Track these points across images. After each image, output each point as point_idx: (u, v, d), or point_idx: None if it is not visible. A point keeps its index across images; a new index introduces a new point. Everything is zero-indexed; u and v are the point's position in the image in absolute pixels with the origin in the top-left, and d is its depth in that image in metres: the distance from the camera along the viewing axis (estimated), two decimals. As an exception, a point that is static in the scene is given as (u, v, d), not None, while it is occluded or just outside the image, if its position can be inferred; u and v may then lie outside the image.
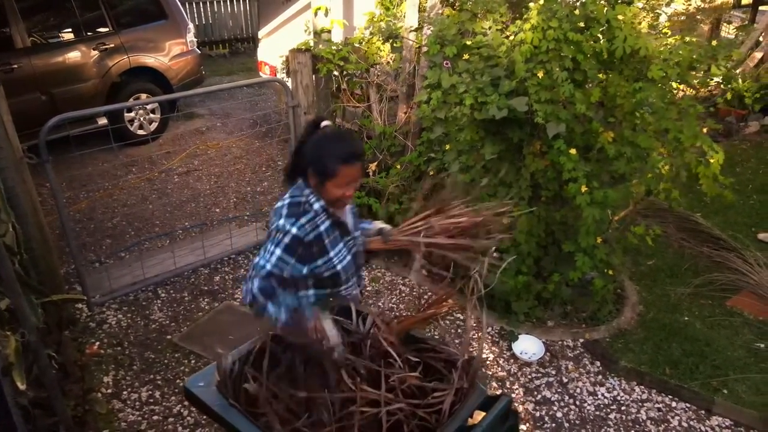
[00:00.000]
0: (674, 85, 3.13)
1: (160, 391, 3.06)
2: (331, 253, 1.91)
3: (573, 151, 2.84)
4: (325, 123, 1.88)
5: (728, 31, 8.42)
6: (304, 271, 1.88)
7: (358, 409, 1.46)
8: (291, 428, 1.49)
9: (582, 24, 2.76)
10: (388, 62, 4.28)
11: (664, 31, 3.28)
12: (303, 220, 1.83)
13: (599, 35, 2.80)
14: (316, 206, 1.86)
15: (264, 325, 1.76)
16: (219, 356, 1.64)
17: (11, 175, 2.96)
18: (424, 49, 3.40)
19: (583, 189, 2.86)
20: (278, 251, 1.80)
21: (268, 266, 1.78)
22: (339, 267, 1.93)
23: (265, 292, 1.74)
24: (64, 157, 4.47)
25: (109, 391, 3.05)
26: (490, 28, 2.97)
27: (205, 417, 2.88)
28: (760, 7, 8.54)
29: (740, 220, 4.71)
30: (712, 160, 2.87)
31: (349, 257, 1.97)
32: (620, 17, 2.70)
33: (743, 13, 8.70)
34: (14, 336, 1.88)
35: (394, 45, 4.23)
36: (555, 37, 2.69)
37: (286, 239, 1.80)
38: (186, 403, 2.97)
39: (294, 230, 1.81)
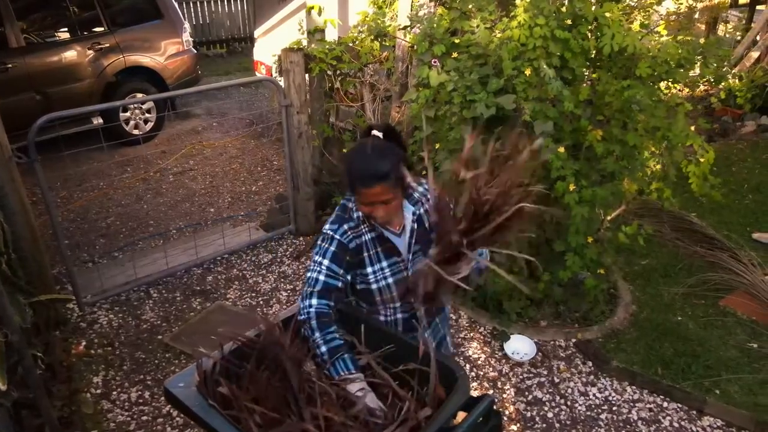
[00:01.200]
0: (666, 83, 3.13)
1: (149, 392, 3.05)
2: (368, 269, 1.79)
3: (561, 149, 2.83)
4: (374, 132, 1.73)
5: (725, 31, 8.41)
6: (348, 277, 1.78)
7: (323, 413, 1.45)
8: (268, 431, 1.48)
9: (569, 21, 2.75)
10: (381, 61, 4.27)
11: (659, 29, 3.26)
12: (345, 226, 1.75)
13: (587, 33, 2.78)
14: (356, 215, 1.76)
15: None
16: (200, 356, 1.62)
17: (0, 174, 2.95)
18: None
19: (571, 187, 2.85)
20: (326, 261, 1.72)
21: (322, 277, 1.71)
22: (374, 286, 1.80)
23: (321, 316, 1.66)
24: (59, 156, 4.46)
25: (99, 391, 3.04)
26: (478, 26, 2.95)
27: (194, 417, 2.88)
28: (758, 7, 8.53)
29: (735, 220, 4.70)
30: (702, 159, 2.86)
31: (390, 280, 1.80)
32: (608, 14, 2.69)
33: (740, 12, 8.69)
34: (-4, 336, 1.87)
35: (384, 44, 4.21)
36: (542, 35, 2.68)
37: (332, 247, 1.73)
38: (175, 403, 2.96)
39: (337, 236, 1.74)
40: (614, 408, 2.97)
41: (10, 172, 3.06)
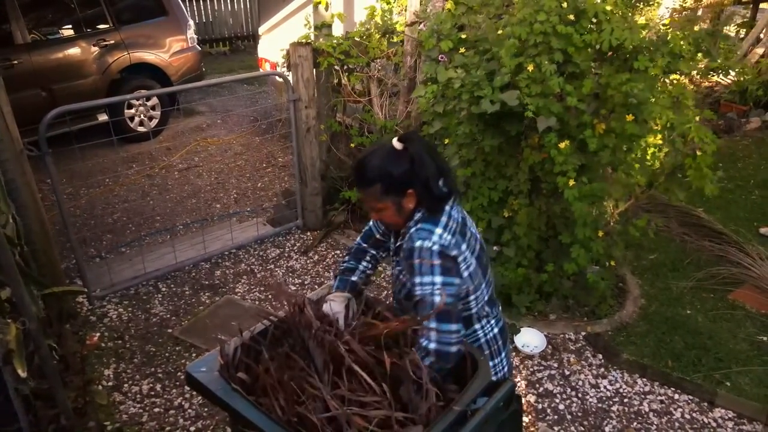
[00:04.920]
0: (673, 76, 3.13)
1: (161, 384, 3.05)
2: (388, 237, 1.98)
3: (563, 144, 2.83)
4: (394, 140, 1.71)
5: (728, 29, 8.42)
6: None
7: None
8: (291, 413, 1.48)
9: (572, 17, 2.75)
10: (389, 57, 4.27)
11: (665, 23, 3.26)
12: None
13: (589, 27, 2.78)
14: None
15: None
16: (222, 342, 1.63)
17: (11, 167, 2.95)
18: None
19: (571, 183, 2.85)
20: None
21: (371, 223, 2.01)
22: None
23: (353, 249, 2.03)
24: (64, 153, 4.47)
25: (110, 383, 3.04)
26: (484, 21, 2.95)
27: (206, 409, 2.89)
28: (761, 5, 8.54)
29: (742, 215, 4.71)
30: (699, 153, 2.87)
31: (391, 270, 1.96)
32: (608, 8, 2.69)
33: (743, 8, 8.69)
34: (15, 324, 1.87)
35: (391, 40, 4.21)
36: (543, 31, 2.68)
37: None
38: (187, 395, 2.97)
39: None
40: (625, 400, 2.97)
41: (22, 165, 3.06)
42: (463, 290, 1.73)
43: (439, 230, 1.66)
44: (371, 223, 1.98)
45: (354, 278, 1.93)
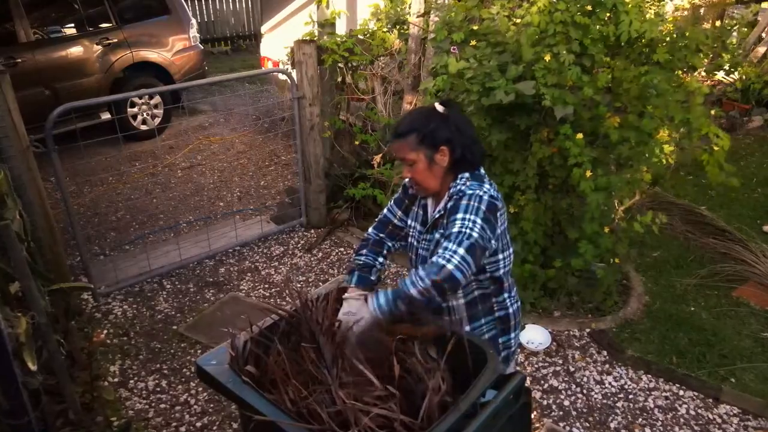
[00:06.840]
0: (680, 73, 3.14)
1: (166, 380, 3.06)
2: (409, 221, 1.98)
3: (579, 136, 2.83)
4: (436, 104, 1.82)
5: (730, 26, 8.42)
6: (406, 220, 2.01)
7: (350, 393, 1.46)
8: (301, 405, 1.49)
9: (589, 7, 2.76)
10: (393, 54, 4.28)
11: (670, 20, 3.27)
12: None
13: (606, 19, 2.79)
14: None
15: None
16: (232, 335, 1.64)
17: (18, 164, 2.96)
18: (431, 36, 3.39)
19: (588, 174, 2.86)
20: (391, 201, 2.03)
21: (384, 211, 2.04)
22: (408, 240, 1.97)
23: (368, 240, 2.03)
24: (68, 151, 4.46)
25: (116, 380, 3.05)
26: (497, 13, 2.96)
27: (212, 405, 2.89)
28: (763, 5, 8.53)
29: (745, 213, 4.71)
30: (716, 148, 2.87)
31: (414, 241, 1.94)
32: (627, 0, 2.70)
33: (746, 7, 8.69)
34: (25, 317, 1.87)
35: (401, 31, 4.21)
36: (562, 20, 2.69)
37: (399, 191, 2.03)
38: (193, 391, 2.97)
39: (405, 180, 1.97)
40: (630, 396, 2.97)
41: (28, 161, 3.07)
42: (492, 247, 1.77)
43: (487, 185, 1.77)
44: (386, 209, 2.01)
45: (372, 277, 1.90)
